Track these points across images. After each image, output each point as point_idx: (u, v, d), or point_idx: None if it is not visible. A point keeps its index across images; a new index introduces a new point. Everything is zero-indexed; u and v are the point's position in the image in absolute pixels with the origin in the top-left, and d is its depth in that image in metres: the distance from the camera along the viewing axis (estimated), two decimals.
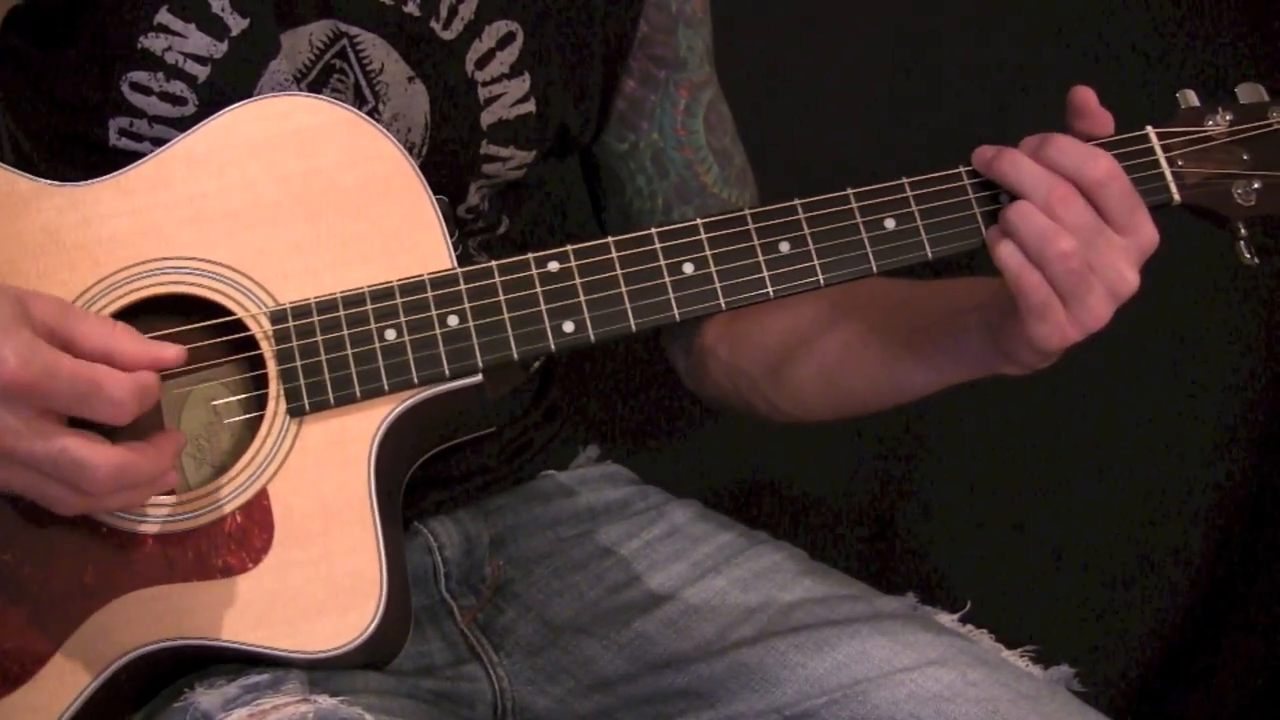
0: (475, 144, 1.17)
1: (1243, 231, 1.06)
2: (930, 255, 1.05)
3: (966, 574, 1.85)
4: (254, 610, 0.99)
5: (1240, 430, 1.91)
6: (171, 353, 0.95)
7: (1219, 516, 1.93)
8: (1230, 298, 1.83)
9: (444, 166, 1.15)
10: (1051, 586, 1.89)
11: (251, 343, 1.03)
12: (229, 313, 1.03)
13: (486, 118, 1.17)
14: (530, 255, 1.05)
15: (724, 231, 1.06)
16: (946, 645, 1.08)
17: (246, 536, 0.99)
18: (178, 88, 1.07)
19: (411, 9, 1.12)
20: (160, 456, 0.94)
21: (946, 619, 1.16)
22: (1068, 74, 1.08)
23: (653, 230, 1.05)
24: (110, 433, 0.92)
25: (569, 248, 1.05)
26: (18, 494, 0.92)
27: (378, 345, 1.02)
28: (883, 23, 1.78)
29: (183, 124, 1.07)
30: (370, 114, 1.11)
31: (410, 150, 1.11)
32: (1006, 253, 1.00)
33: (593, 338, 1.04)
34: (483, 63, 1.16)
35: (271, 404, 1.01)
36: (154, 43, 1.06)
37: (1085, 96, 1.04)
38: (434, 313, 1.03)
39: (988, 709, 1.03)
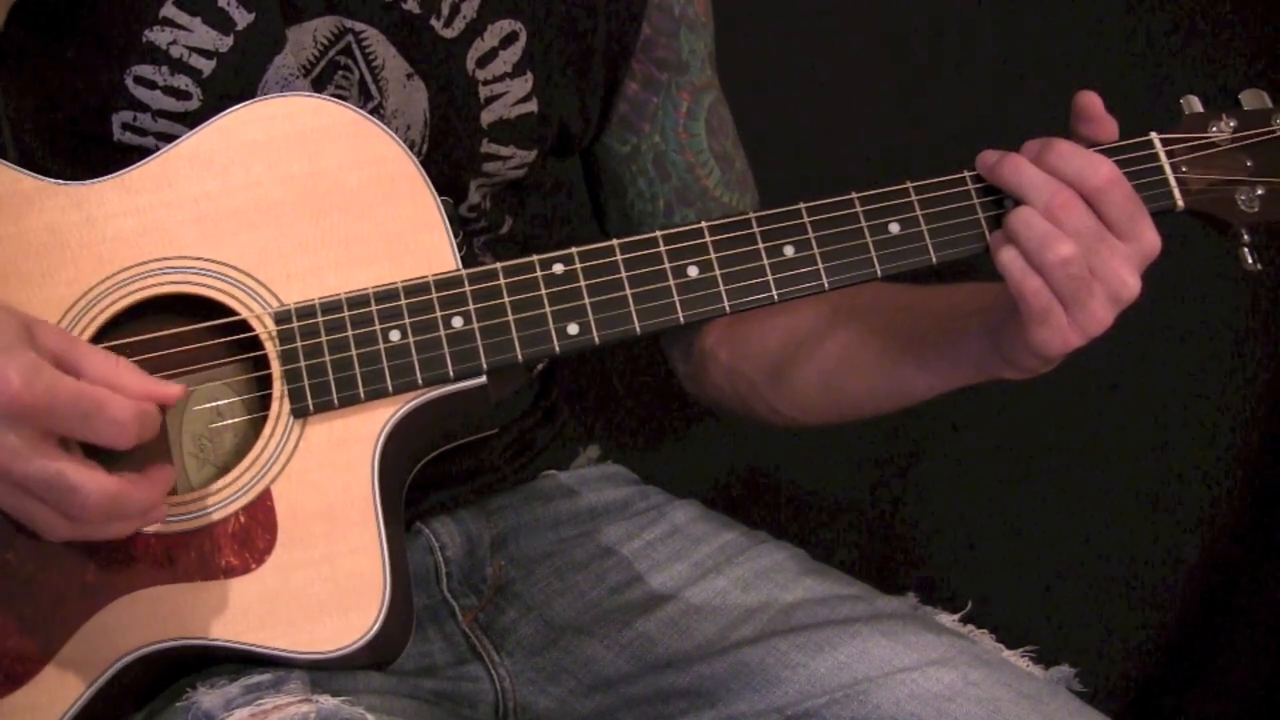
0: (475, 142, 1.17)
1: (1246, 237, 1.06)
2: (934, 259, 1.05)
3: (967, 574, 1.85)
4: (256, 611, 0.99)
5: (1240, 431, 1.91)
6: (174, 390, 0.95)
7: (1219, 517, 1.93)
8: (1231, 302, 1.83)
9: (444, 164, 1.15)
10: (1051, 586, 1.89)
11: (255, 343, 1.02)
12: (233, 313, 1.03)
13: (487, 116, 1.17)
14: (535, 257, 1.05)
15: (728, 235, 1.06)
16: (947, 645, 1.09)
17: (249, 537, 0.99)
18: (182, 82, 1.07)
19: (411, 6, 1.12)
20: (152, 489, 0.94)
21: (947, 619, 1.16)
22: (1073, 78, 1.08)
23: (657, 233, 1.05)
24: (106, 461, 0.91)
25: (574, 250, 1.05)
26: (3, 513, 0.92)
27: (382, 346, 1.02)
28: (886, 26, 1.78)
29: (187, 119, 1.06)
30: (375, 110, 1.11)
31: (410, 147, 1.10)
32: (1008, 258, 1.00)
33: (597, 340, 1.04)
34: (484, 61, 1.16)
35: (275, 404, 1.01)
36: (159, 36, 1.06)
37: (1091, 101, 1.04)
38: (439, 314, 1.03)
39: (989, 709, 1.03)
